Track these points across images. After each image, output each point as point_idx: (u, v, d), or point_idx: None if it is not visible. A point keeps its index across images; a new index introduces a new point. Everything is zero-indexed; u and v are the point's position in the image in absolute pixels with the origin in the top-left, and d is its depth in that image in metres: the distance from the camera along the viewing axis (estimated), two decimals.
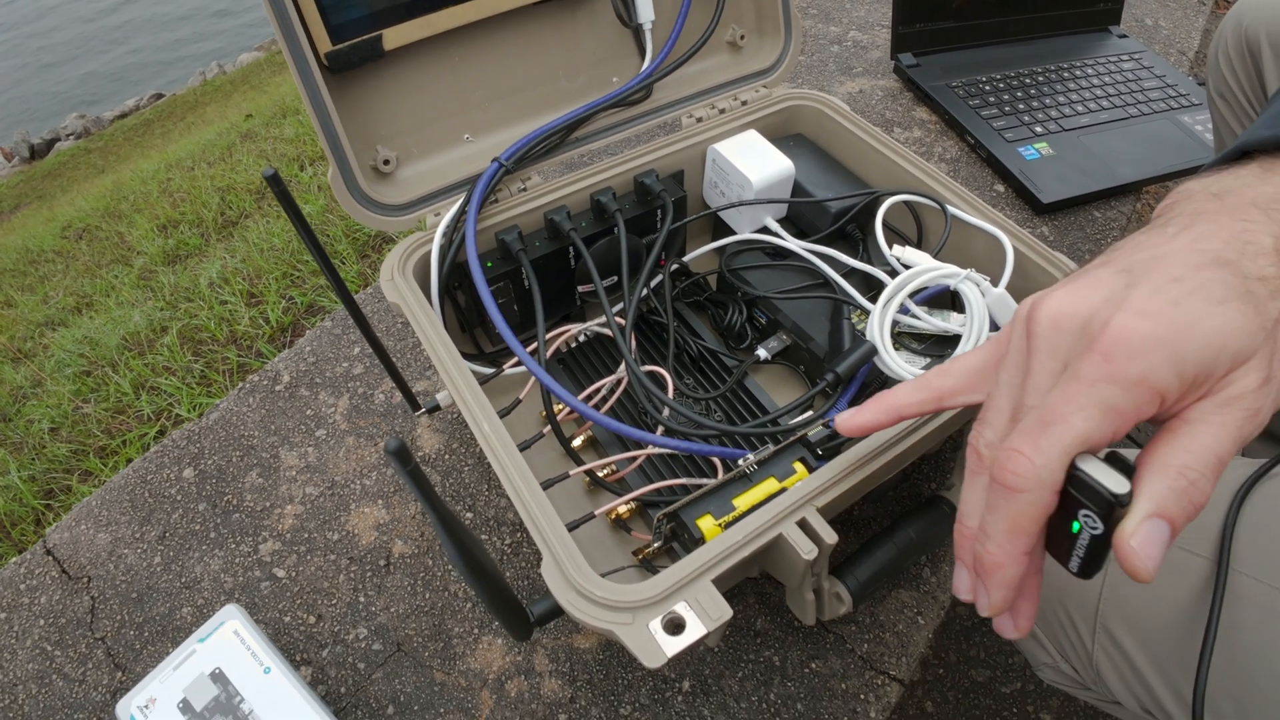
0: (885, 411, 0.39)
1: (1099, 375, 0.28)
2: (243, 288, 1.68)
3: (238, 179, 2.36)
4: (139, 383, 1.52)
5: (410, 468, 0.28)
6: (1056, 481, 0.29)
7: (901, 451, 0.47)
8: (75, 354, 1.68)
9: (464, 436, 0.69)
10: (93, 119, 6.81)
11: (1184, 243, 0.30)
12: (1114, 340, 0.28)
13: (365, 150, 0.61)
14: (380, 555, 0.62)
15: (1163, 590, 0.52)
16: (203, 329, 1.61)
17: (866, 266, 0.64)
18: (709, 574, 0.42)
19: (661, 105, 0.70)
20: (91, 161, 5.38)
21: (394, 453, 0.27)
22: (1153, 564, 0.27)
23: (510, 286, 0.62)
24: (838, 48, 1.21)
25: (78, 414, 1.48)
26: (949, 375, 0.37)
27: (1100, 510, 0.28)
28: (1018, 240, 0.60)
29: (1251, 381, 0.28)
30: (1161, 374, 0.27)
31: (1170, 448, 0.28)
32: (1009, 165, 0.94)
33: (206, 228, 2.17)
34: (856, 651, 0.57)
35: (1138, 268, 0.30)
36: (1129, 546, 0.27)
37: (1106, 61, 1.12)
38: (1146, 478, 0.28)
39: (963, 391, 0.37)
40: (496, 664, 0.56)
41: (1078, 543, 0.29)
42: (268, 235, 1.86)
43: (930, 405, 0.38)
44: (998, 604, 0.31)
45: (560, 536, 0.43)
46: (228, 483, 0.68)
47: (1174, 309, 0.28)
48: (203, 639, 0.52)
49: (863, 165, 0.71)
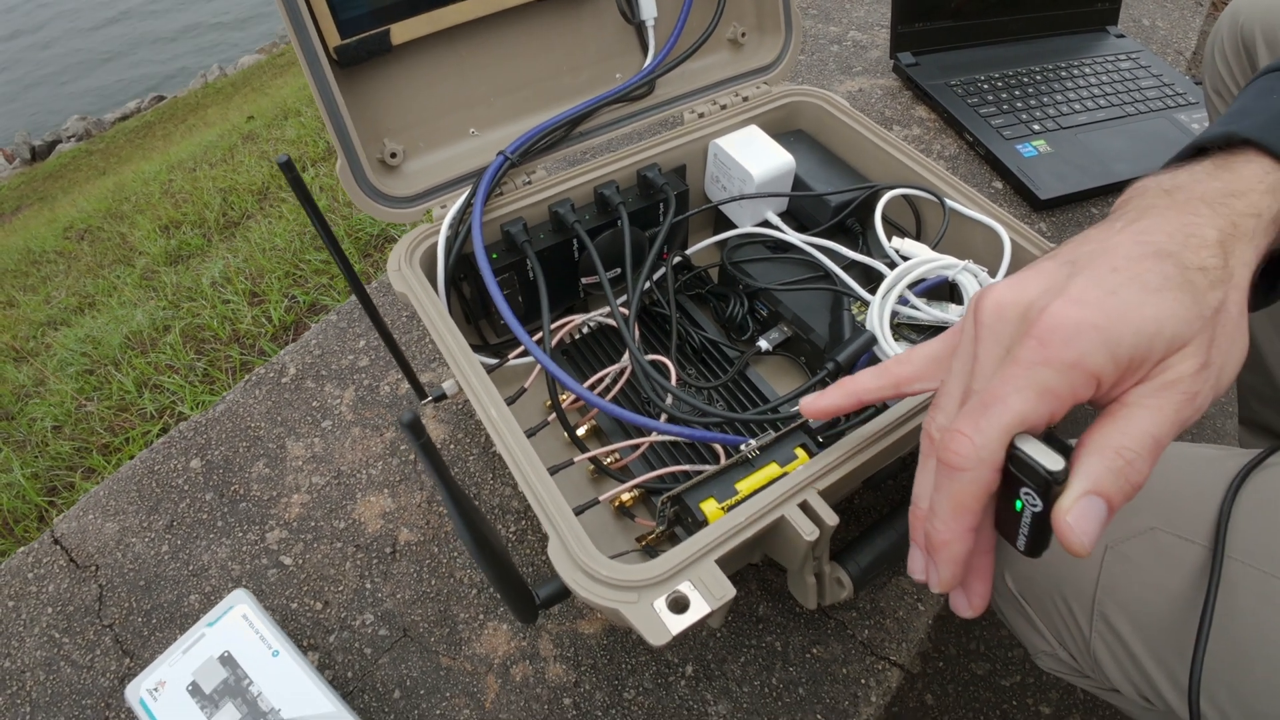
0: (846, 396, 0.40)
1: (1035, 359, 0.29)
2: (245, 287, 1.69)
3: (239, 180, 2.37)
4: (142, 381, 1.53)
5: (423, 441, 0.29)
6: (996, 460, 0.30)
7: (900, 437, 0.48)
8: (78, 353, 1.69)
9: (469, 427, 0.70)
10: (94, 121, 6.82)
11: (1129, 236, 0.32)
12: (1049, 326, 0.29)
13: (373, 143, 0.62)
14: (386, 543, 0.63)
15: (1159, 577, 0.52)
16: (205, 328, 1.61)
17: (866, 259, 0.64)
18: (712, 554, 0.42)
19: (664, 101, 0.71)
20: (93, 163, 5.39)
21: (408, 425, 0.28)
22: (1088, 539, 0.28)
23: (515, 278, 0.63)
24: (837, 47, 1.23)
25: (80, 412, 1.49)
26: (908, 363, 0.39)
27: (1038, 487, 0.29)
28: (1015, 233, 0.61)
29: (1188, 367, 0.29)
30: (1095, 358, 0.29)
31: (1107, 430, 0.29)
32: (1007, 162, 0.95)
33: (208, 228, 2.18)
34: (857, 637, 0.57)
35: (1081, 259, 0.32)
36: (1065, 522, 0.28)
37: (1104, 61, 1.13)
38: (1084, 458, 0.29)
39: (920, 379, 0.38)
40: (502, 649, 0.57)
41: (1022, 520, 0.31)
42: (270, 235, 1.87)
43: (889, 391, 0.39)
44: (946, 580, 0.33)
45: (566, 518, 0.44)
46: (234, 473, 0.69)
47: (1110, 297, 0.29)
48: (211, 623, 0.52)
49: (862, 160, 0.72)
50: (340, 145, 0.58)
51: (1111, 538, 0.55)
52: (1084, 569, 0.55)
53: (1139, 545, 0.54)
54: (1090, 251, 0.32)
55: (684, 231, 0.71)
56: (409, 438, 0.28)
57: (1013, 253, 0.60)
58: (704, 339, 0.66)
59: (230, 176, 2.42)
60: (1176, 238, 0.31)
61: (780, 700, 0.55)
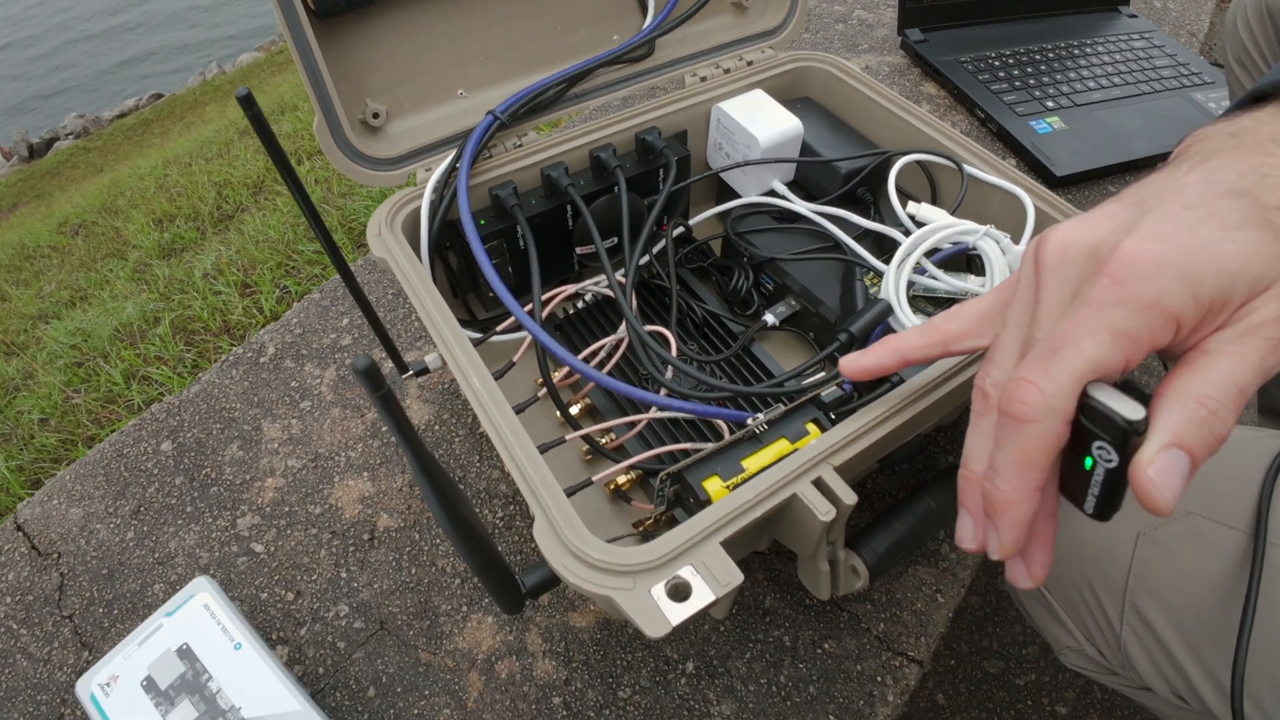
0: (891, 354, 0.37)
1: (1110, 299, 0.27)
2: (237, 278, 1.66)
3: (235, 174, 2.34)
4: (130, 372, 1.50)
5: (382, 393, 0.25)
6: (1067, 410, 0.27)
7: (924, 409, 0.44)
8: (67, 345, 1.67)
9: (454, 407, 0.65)
10: (92, 119, 6.80)
11: (1198, 175, 0.29)
12: (1124, 263, 0.27)
13: (354, 103, 0.58)
14: (364, 529, 0.59)
15: (1196, 566, 0.49)
16: (196, 319, 1.59)
17: (880, 226, 0.60)
18: (717, 535, 0.38)
19: (664, 63, 0.67)
20: (90, 161, 5.37)
21: (363, 372, 0.24)
22: (1171, 495, 0.25)
23: (504, 246, 0.59)
24: (843, 25, 1.19)
25: (68, 404, 1.46)
26: (956, 319, 0.36)
27: (1114, 439, 0.26)
28: (1039, 199, 0.57)
29: (1273, 310, 0.26)
30: (1175, 297, 0.26)
31: (1188, 377, 0.26)
32: (1021, 139, 0.92)
33: (203, 221, 2.16)
34: (872, 631, 0.53)
35: (1150, 199, 0.29)
36: (1145, 476, 0.25)
37: (1117, 40, 1.09)
38: (1163, 407, 0.26)
39: (969, 336, 0.35)
40: (486, 643, 0.53)
41: (1092, 480, 0.28)
42: (263, 227, 1.85)
43: (936, 350, 0.36)
44: (1009, 545, 0.29)
45: (555, 496, 0.40)
46: (207, 456, 0.65)
47: (1188, 233, 0.27)
48: (170, 612, 0.48)
49: (874, 128, 0.68)
50: (318, 102, 0.54)
51: (1144, 523, 0.52)
52: (1115, 557, 0.52)
53: (1174, 531, 0.50)
54: (1159, 191, 0.29)
55: (685, 200, 0.67)
56: (365, 387, 0.24)
57: (1036, 220, 0.56)
58: (706, 312, 0.62)
59: (226, 170, 2.40)
60: (1250, 177, 0.29)
61: (789, 700, 0.51)
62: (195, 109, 5.68)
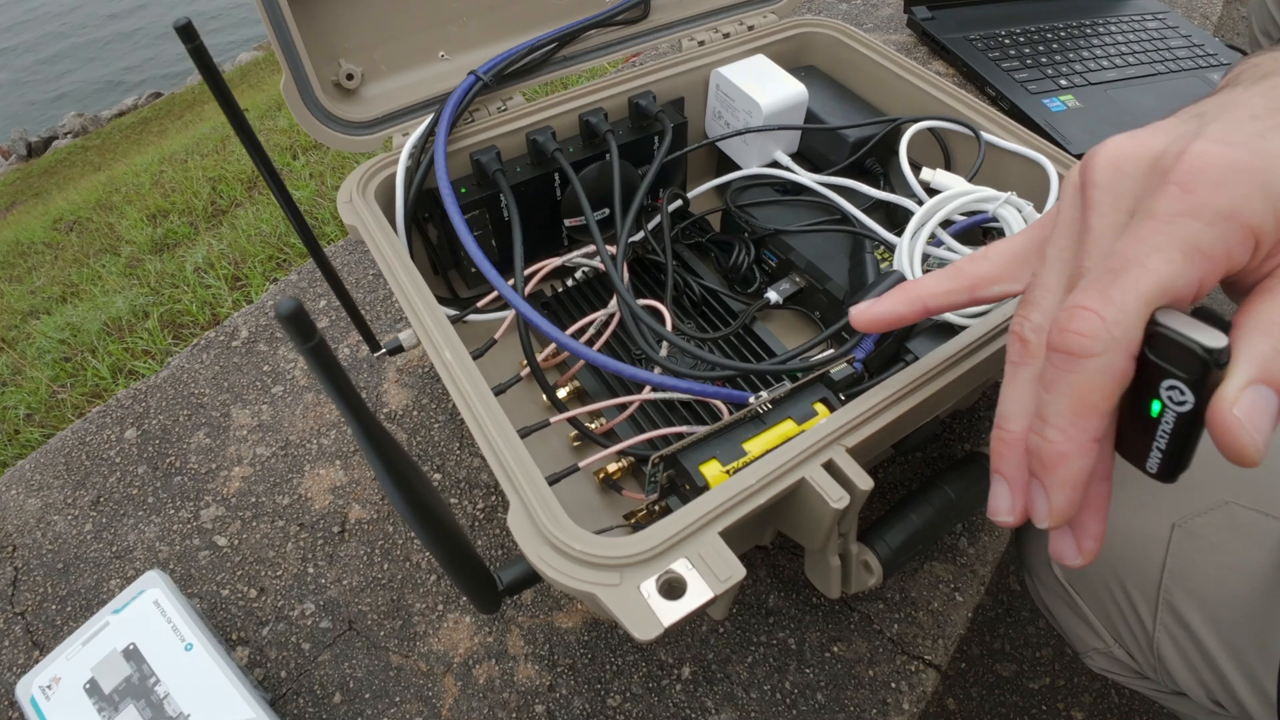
0: (908, 301, 0.33)
1: (1179, 209, 0.23)
2: (227, 272, 1.64)
3: (229, 170, 2.32)
4: (117, 367, 1.48)
5: (312, 344, 0.21)
6: (1133, 340, 0.23)
7: (940, 389, 0.39)
8: (56, 340, 1.65)
9: (434, 391, 0.61)
10: (90, 117, 6.77)
11: (1258, 91, 0.26)
12: (1194, 168, 0.23)
13: (326, 63, 0.54)
14: (334, 521, 0.54)
15: (1236, 559, 0.45)
16: (185, 313, 1.56)
17: (891, 196, 0.56)
18: (716, 525, 0.34)
19: (660, 25, 0.63)
20: (89, 159, 5.35)
21: (287, 318, 0.20)
22: (1261, 438, 0.21)
23: (486, 216, 0.55)
24: (846, 5, 1.15)
25: (54, 399, 1.43)
26: (984, 260, 0.31)
27: (1190, 375, 0.22)
28: (1062, 166, 0.53)
29: None
30: (1254, 207, 0.22)
31: (1272, 304, 0.22)
32: (1034, 117, 0.87)
33: (196, 216, 2.15)
34: (885, 633, 0.49)
35: (1209, 112, 0.25)
36: (1230, 417, 0.21)
37: (1130, 19, 1.05)
38: (1245, 338, 0.22)
39: (1000, 279, 0.31)
40: (463, 646, 0.48)
41: (1159, 430, 0.23)
42: (256, 222, 1.82)
43: (962, 296, 0.32)
44: (1061, 508, 0.25)
45: (533, 479, 0.35)
46: (171, 444, 0.61)
47: (1260, 140, 0.23)
48: (118, 610, 0.44)
49: (884, 97, 0.64)
50: (284, 57, 0.50)
51: (1178, 514, 0.48)
52: (1148, 551, 0.48)
53: (1212, 522, 0.46)
54: (1218, 104, 0.26)
55: (682, 171, 0.63)
56: (291, 337, 0.20)
57: (1059, 190, 0.52)
58: (704, 288, 0.58)
59: (221, 166, 2.38)
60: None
61: (795, 708, 0.46)
62: (194, 108, 5.66)
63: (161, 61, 8.36)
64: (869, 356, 0.46)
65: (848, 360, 0.44)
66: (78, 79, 8.36)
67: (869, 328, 0.34)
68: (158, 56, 8.51)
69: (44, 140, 6.66)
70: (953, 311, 0.37)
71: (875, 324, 0.33)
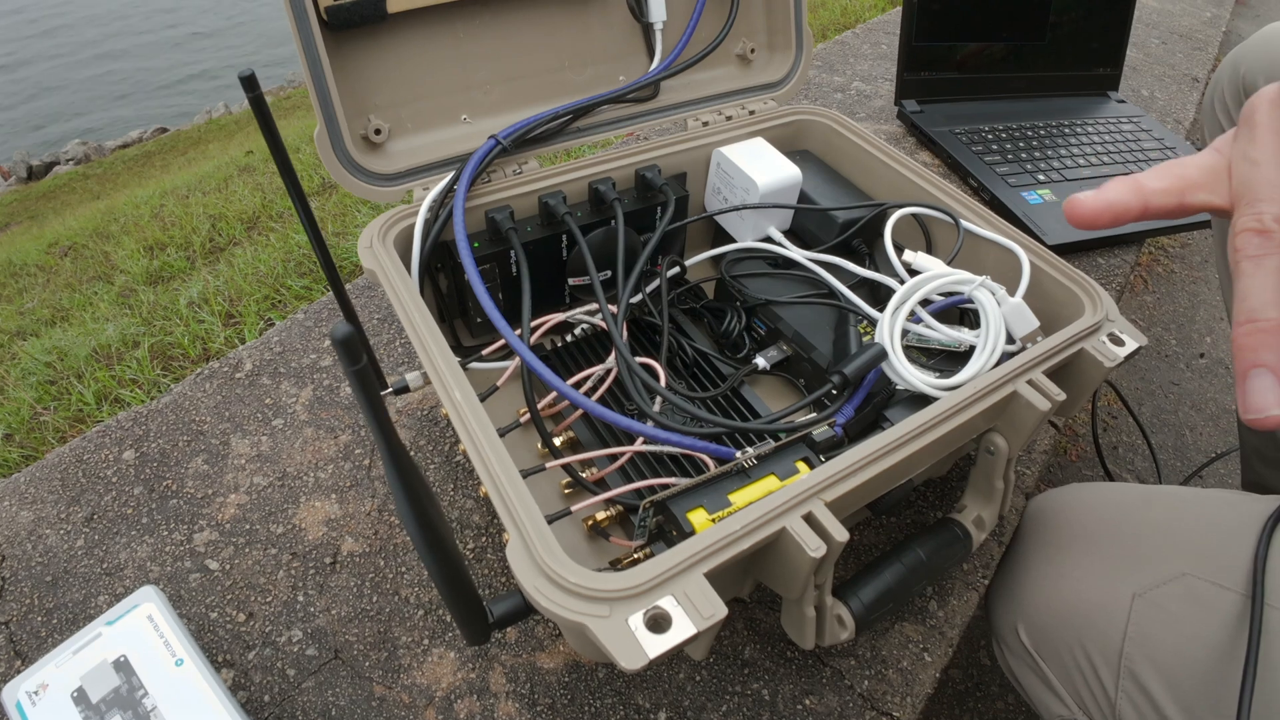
0: (1133, 191, 0.32)
1: None
2: (222, 308, 1.65)
3: (230, 208, 2.35)
4: (103, 393, 1.47)
5: (358, 368, 0.23)
6: None
7: (916, 451, 0.42)
8: (42, 363, 1.64)
9: (432, 433, 0.63)
10: (94, 146, 6.85)
11: None
12: None
13: (357, 117, 0.58)
14: (327, 552, 0.56)
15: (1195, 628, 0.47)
16: (176, 345, 1.57)
17: (875, 274, 0.60)
18: (701, 566, 0.36)
19: (668, 105, 0.68)
20: (88, 187, 5.39)
21: (341, 341, 0.22)
22: None
23: (496, 270, 0.58)
24: (841, 95, 1.22)
25: (36, 420, 1.42)
26: (1189, 166, 0.31)
27: None
28: (1035, 255, 0.58)
29: None
30: None
31: None
32: (1013, 208, 0.93)
33: (193, 252, 2.16)
34: (856, 689, 0.50)
35: None
36: None
37: (1106, 122, 1.13)
38: None
39: (1204, 188, 0.31)
40: (446, 680, 0.49)
41: None
42: (254, 261, 1.84)
43: (1174, 198, 0.32)
44: None
45: (533, 516, 0.38)
46: (170, 467, 0.62)
47: None
48: (111, 621, 0.45)
49: (872, 182, 0.69)
50: (321, 112, 0.54)
51: (1140, 585, 0.50)
52: (1111, 619, 0.50)
53: (1171, 592, 0.49)
54: None
55: (681, 240, 0.67)
56: (341, 358, 0.23)
57: (1032, 275, 0.57)
58: (696, 351, 0.61)
59: (222, 204, 2.41)
60: None
61: None
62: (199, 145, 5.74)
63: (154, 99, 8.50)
64: (849, 422, 0.49)
65: (829, 423, 0.47)
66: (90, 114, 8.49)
67: (1087, 220, 0.32)
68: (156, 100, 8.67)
69: (45, 165, 6.72)
70: (1161, 218, 0.33)
71: (1096, 215, 0.32)
